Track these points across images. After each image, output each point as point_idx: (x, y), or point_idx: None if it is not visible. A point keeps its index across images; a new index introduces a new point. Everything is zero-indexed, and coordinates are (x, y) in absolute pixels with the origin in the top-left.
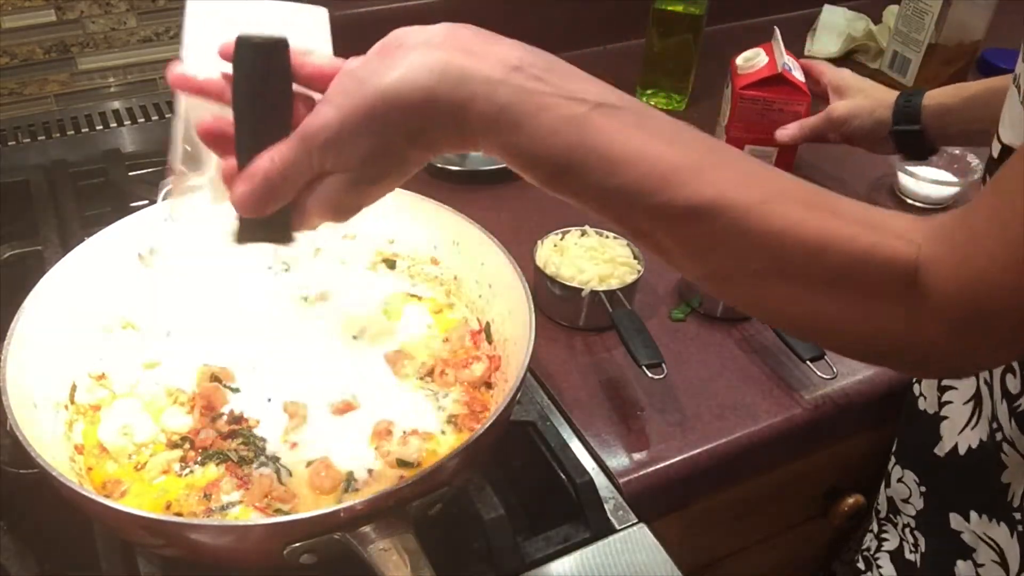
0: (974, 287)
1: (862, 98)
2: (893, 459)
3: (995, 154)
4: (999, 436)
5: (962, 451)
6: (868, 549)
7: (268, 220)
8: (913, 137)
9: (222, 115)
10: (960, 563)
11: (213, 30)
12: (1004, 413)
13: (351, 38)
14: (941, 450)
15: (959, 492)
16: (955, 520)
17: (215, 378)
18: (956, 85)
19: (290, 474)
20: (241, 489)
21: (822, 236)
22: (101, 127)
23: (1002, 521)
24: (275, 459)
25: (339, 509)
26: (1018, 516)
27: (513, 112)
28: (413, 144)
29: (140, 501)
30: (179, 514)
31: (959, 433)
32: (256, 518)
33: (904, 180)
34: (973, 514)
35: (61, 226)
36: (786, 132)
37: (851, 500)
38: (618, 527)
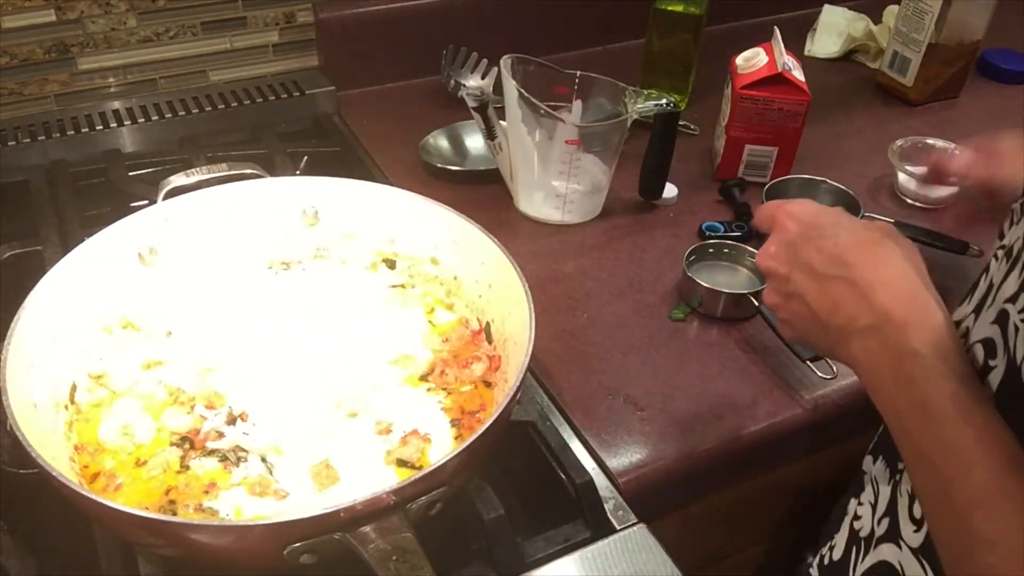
0: None
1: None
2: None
3: None
4: None
5: None
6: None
7: None
8: None
9: None
10: None
11: None
12: None
13: (349, 38)
14: None
15: None
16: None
17: (215, 378)
18: None
19: (289, 474)
20: (240, 489)
21: None
22: (101, 127)
23: None
24: (274, 459)
25: (339, 509)
26: None
27: None
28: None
29: (135, 491)
30: (174, 502)
31: None
32: (256, 518)
33: (904, 180)
34: None
35: (61, 226)
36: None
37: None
38: (618, 527)
